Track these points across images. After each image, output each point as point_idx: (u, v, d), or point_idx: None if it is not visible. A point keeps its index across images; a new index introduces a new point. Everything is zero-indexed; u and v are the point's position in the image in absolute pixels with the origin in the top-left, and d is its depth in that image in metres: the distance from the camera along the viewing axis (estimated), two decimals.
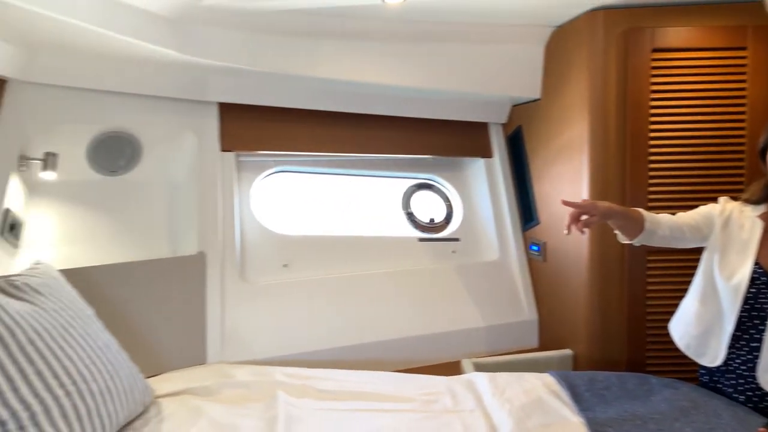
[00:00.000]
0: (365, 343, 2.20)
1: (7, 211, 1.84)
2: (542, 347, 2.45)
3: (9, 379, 1.17)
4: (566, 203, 1.51)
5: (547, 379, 1.77)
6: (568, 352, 2.22)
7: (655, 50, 2.00)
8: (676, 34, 2.00)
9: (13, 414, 1.14)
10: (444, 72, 2.34)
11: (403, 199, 2.75)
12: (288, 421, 1.50)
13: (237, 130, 2.31)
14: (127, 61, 1.95)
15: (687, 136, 2.01)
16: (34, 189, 2.06)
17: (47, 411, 1.20)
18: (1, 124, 1.86)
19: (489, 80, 2.39)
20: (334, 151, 2.49)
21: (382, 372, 1.91)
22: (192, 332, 1.98)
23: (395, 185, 2.78)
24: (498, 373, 1.82)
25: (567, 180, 2.23)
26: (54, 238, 2.08)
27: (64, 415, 1.23)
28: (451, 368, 2.17)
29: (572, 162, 2.18)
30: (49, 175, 1.98)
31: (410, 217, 2.73)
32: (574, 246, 2.18)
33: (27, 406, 1.17)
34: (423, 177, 2.81)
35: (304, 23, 2.05)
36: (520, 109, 2.60)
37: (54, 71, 1.92)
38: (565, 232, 1.49)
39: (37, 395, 1.20)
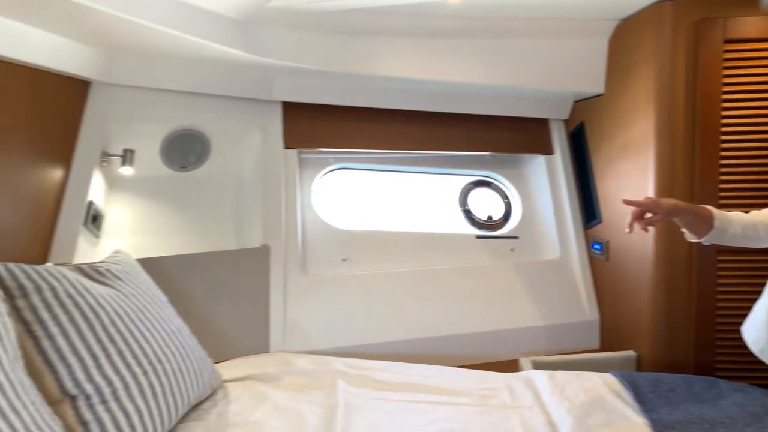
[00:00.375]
0: (422, 338, 2.21)
1: (91, 203, 1.98)
2: (604, 348, 2.39)
3: (94, 357, 1.26)
4: (627, 202, 1.47)
5: (609, 378, 1.73)
6: (631, 353, 2.16)
7: (728, 41, 1.92)
8: (750, 24, 1.91)
9: (97, 389, 1.24)
10: (505, 68, 2.32)
11: (460, 196, 2.75)
12: (347, 408, 1.54)
13: (299, 128, 2.38)
14: (198, 63, 2.05)
15: (762, 130, 1.91)
16: (113, 183, 2.21)
17: (127, 387, 1.28)
18: (85, 123, 2.00)
19: (551, 75, 2.36)
20: (393, 149, 2.52)
21: (439, 366, 1.91)
22: (256, 321, 2.06)
23: (453, 182, 2.78)
24: (557, 371, 1.79)
25: (632, 177, 2.16)
26: (130, 229, 2.22)
27: (142, 392, 1.31)
28: (509, 366, 2.16)
29: (637, 158, 2.12)
30: (126, 171, 2.11)
31: (467, 214, 2.72)
32: (639, 245, 2.12)
33: (109, 382, 1.26)
34: (481, 174, 2.80)
35: (366, 22, 2.09)
36: (583, 105, 2.55)
37: (132, 73, 2.05)
38: (627, 230, 1.45)
39: (118, 372, 1.29)
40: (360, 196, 2.65)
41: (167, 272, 1.92)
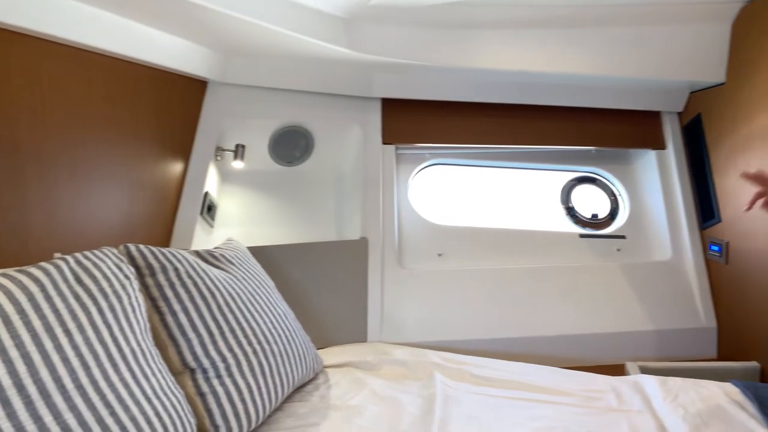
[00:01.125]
0: (520, 338, 2.16)
1: (206, 194, 2.13)
2: (721, 358, 2.20)
3: (210, 334, 1.35)
4: (747, 176, 1.33)
5: (729, 388, 1.59)
6: (754, 364, 1.97)
7: None
8: None
9: (213, 363, 1.32)
10: (614, 57, 2.21)
11: (562, 193, 2.66)
12: (445, 400, 1.53)
13: (397, 123, 2.42)
14: (304, 62, 2.14)
15: None
16: (225, 176, 2.36)
17: (239, 364, 1.36)
18: (203, 120, 2.15)
19: (664, 64, 2.22)
20: (491, 143, 2.48)
21: (540, 365, 1.86)
22: (354, 311, 2.11)
23: (554, 178, 2.69)
24: (669, 377, 1.68)
25: None
26: (239, 219, 2.36)
27: (252, 370, 1.38)
28: (614, 371, 2.04)
29: (764, 152, 1.93)
30: (238, 165, 2.25)
31: (570, 211, 2.62)
32: (765, 245, 1.93)
33: (223, 358, 1.34)
34: (585, 170, 2.69)
35: (467, 15, 2.08)
36: (700, 96, 2.37)
37: (244, 73, 2.18)
38: (745, 208, 1.33)
39: (231, 350, 1.37)
40: (457, 192, 2.63)
41: (272, 260, 2.01)
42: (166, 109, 1.91)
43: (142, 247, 1.37)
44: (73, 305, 1.03)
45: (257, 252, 1.92)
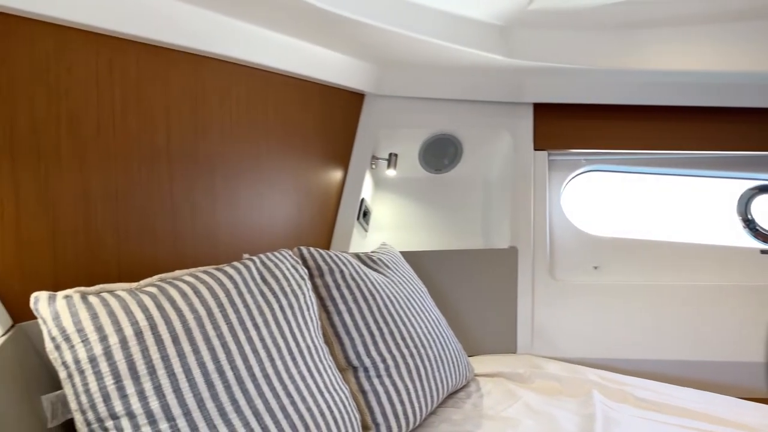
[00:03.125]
0: (688, 361, 1.99)
1: (362, 200, 2.24)
2: None
3: (371, 334, 1.42)
4: None
5: None
6: None
7: None
8: None
9: (373, 363, 1.39)
10: None
11: (739, 204, 2.38)
12: (606, 422, 1.45)
13: (550, 129, 2.34)
14: (456, 70, 2.15)
15: None
16: (378, 183, 2.47)
17: (397, 366, 1.41)
18: (360, 130, 2.27)
19: None
20: (655, 149, 2.31)
21: (714, 393, 1.69)
22: (503, 321, 2.09)
23: (729, 187, 2.42)
24: None
25: None
26: (390, 225, 2.45)
27: (409, 372, 1.43)
28: None
29: None
30: (391, 173, 2.33)
31: (749, 224, 2.35)
32: None
33: (383, 359, 1.40)
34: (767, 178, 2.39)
35: (630, 14, 1.95)
36: None
37: (398, 84, 2.25)
38: None
39: (390, 351, 1.42)
40: (615, 201, 2.48)
41: (421, 265, 2.05)
42: (329, 121, 2.05)
43: (312, 249, 1.48)
44: (260, 302, 1.15)
45: (407, 257, 1.97)
